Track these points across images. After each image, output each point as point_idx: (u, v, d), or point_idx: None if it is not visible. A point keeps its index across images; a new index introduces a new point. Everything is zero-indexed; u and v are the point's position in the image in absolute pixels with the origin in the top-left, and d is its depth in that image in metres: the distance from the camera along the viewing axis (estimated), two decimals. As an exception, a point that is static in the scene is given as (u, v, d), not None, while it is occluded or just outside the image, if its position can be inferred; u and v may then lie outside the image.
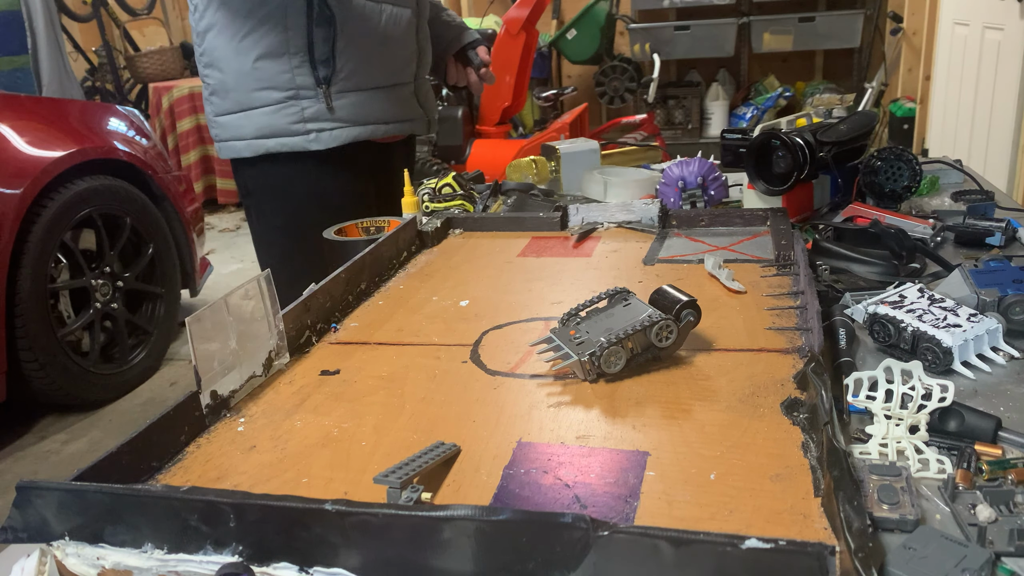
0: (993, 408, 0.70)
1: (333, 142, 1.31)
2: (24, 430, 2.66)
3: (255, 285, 0.78)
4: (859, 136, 1.32)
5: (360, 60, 1.30)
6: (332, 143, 1.31)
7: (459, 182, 1.40)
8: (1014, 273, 0.90)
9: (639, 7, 4.55)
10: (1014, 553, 0.53)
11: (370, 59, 1.31)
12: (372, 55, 1.32)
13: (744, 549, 0.45)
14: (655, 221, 1.21)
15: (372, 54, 1.32)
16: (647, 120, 3.81)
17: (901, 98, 4.20)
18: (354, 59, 1.29)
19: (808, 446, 0.62)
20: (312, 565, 0.52)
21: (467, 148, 3.88)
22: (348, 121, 1.32)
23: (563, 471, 0.61)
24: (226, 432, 0.71)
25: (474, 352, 0.84)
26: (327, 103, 1.29)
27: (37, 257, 2.47)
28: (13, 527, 0.57)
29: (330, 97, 1.29)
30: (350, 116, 1.32)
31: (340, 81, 1.30)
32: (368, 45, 1.30)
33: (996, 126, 2.99)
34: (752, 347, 0.80)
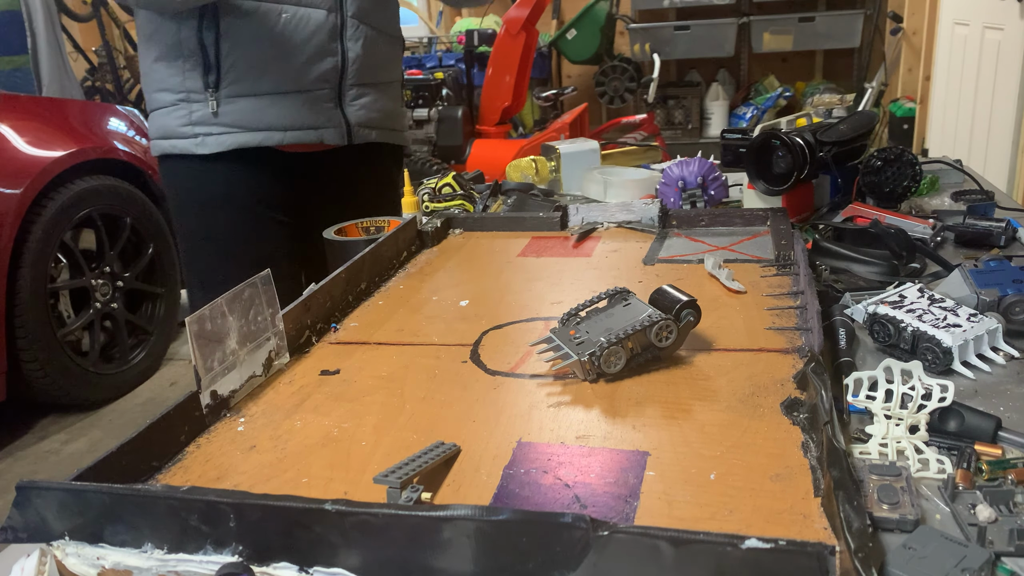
0: (993, 408, 0.70)
1: (219, 147, 1.26)
2: (24, 430, 2.66)
3: (255, 285, 0.78)
4: (859, 136, 1.33)
5: (250, 64, 1.23)
6: (218, 148, 1.26)
7: (459, 182, 1.40)
8: (1014, 273, 0.90)
9: (639, 7, 4.55)
10: (1014, 553, 0.53)
11: (263, 64, 1.23)
12: (266, 60, 1.23)
13: (744, 549, 0.45)
14: (655, 221, 1.21)
15: (266, 58, 1.23)
16: (647, 120, 3.81)
17: (901, 98, 4.20)
18: (243, 63, 1.23)
19: (808, 446, 0.62)
20: (312, 565, 0.52)
21: (467, 148, 3.88)
22: (236, 126, 1.26)
23: (563, 471, 0.61)
24: (226, 432, 0.71)
25: (474, 352, 0.84)
26: (213, 107, 1.25)
27: (37, 257, 2.47)
28: (13, 527, 0.57)
29: (217, 101, 1.24)
30: (238, 122, 1.26)
31: (229, 85, 1.24)
32: (260, 49, 1.23)
33: (996, 126, 2.99)
34: (752, 347, 0.80)
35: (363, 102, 1.33)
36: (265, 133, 1.27)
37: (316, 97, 1.28)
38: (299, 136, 1.29)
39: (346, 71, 1.29)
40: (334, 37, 1.27)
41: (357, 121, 1.33)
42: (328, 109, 1.30)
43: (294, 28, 1.23)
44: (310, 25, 1.24)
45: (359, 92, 1.32)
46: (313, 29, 1.24)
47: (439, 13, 5.28)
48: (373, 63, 1.33)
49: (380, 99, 1.36)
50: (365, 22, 1.30)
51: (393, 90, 1.41)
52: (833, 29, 4.26)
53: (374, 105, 1.35)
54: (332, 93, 1.30)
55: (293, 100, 1.27)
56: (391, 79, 1.40)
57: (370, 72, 1.33)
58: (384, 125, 1.39)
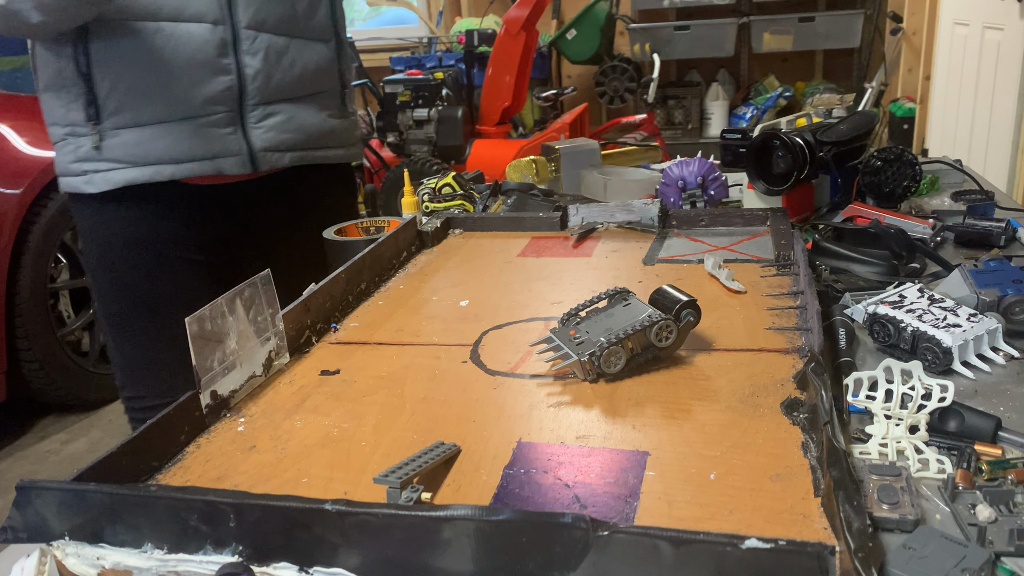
0: (993, 408, 0.70)
1: (106, 185, 1.12)
2: (24, 430, 2.66)
3: (255, 285, 0.78)
4: (859, 136, 1.33)
5: (129, 92, 1.09)
6: (105, 186, 1.12)
7: (459, 182, 1.40)
8: (1014, 273, 0.90)
9: (639, 7, 4.55)
10: (1014, 553, 0.53)
11: (144, 90, 1.09)
12: (146, 85, 1.08)
13: (744, 549, 0.45)
14: (655, 221, 1.21)
15: (146, 84, 1.08)
16: (647, 120, 3.81)
17: (901, 98, 4.20)
18: (120, 91, 1.08)
19: (808, 446, 0.62)
20: (312, 565, 0.52)
21: (467, 148, 3.89)
22: (122, 161, 1.12)
23: (563, 471, 0.61)
24: (226, 432, 0.71)
25: (474, 352, 0.84)
26: (95, 142, 1.11)
27: (37, 257, 2.47)
28: (13, 527, 0.57)
29: (100, 135, 1.10)
30: (123, 156, 1.11)
31: (110, 117, 1.10)
32: (138, 74, 1.07)
33: (996, 126, 2.99)
34: (752, 347, 0.80)
35: (272, 123, 1.16)
36: (154, 168, 1.12)
37: (210, 122, 1.13)
38: (193, 168, 1.13)
39: (245, 90, 1.13)
40: (225, 52, 1.10)
41: (263, 145, 1.16)
42: (225, 135, 1.14)
43: (174, 47, 1.07)
44: (192, 42, 1.08)
45: (266, 112, 1.16)
46: (197, 46, 1.08)
47: (439, 13, 5.28)
48: (285, 76, 1.16)
49: (299, 116, 1.19)
50: (267, 31, 1.13)
51: (323, 102, 1.24)
52: (833, 29, 4.26)
53: (287, 125, 1.18)
54: (230, 116, 1.13)
55: (183, 128, 1.11)
56: (317, 90, 1.22)
57: (281, 87, 1.16)
58: (305, 145, 1.21)
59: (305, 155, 1.21)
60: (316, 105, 1.22)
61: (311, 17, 1.18)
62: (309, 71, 1.19)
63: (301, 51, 1.18)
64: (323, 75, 1.22)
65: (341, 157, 1.29)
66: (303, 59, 1.18)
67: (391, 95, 3.96)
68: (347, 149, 1.30)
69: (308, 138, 1.21)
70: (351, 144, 1.31)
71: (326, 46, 1.21)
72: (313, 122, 1.22)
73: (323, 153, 1.25)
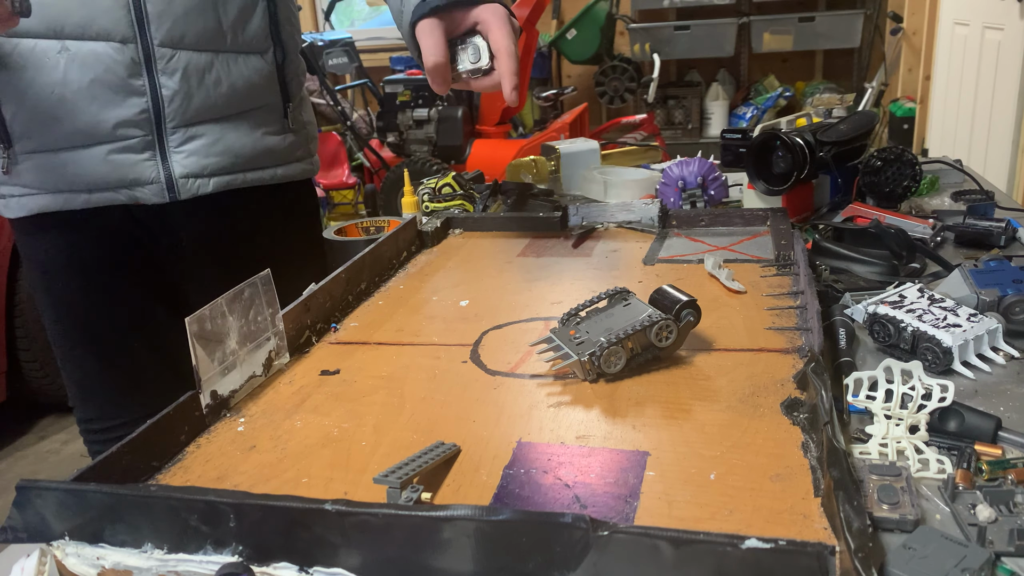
0: (993, 408, 0.70)
1: (21, 211, 1.08)
2: (24, 430, 2.66)
3: (255, 285, 0.78)
4: (859, 136, 1.33)
5: (35, 115, 1.02)
6: (21, 212, 1.08)
7: (459, 182, 1.40)
8: (1014, 273, 0.90)
9: (639, 7, 4.55)
10: (1014, 553, 0.53)
11: (49, 114, 1.02)
12: (51, 108, 1.01)
13: (744, 549, 0.45)
14: (655, 221, 1.21)
15: (51, 107, 1.01)
16: (647, 120, 3.81)
17: (901, 98, 4.20)
18: (25, 114, 1.02)
19: (808, 446, 0.62)
20: (312, 565, 0.52)
21: (467, 148, 3.89)
22: (34, 187, 1.06)
23: (563, 471, 0.61)
24: (226, 432, 0.71)
25: (474, 352, 0.84)
26: (4, 166, 1.05)
27: (37, 257, 2.46)
28: (13, 527, 0.57)
29: (9, 159, 1.05)
30: (35, 182, 1.06)
31: (20, 140, 1.04)
32: (43, 96, 1.01)
33: (996, 126, 2.99)
34: (752, 347, 0.80)
35: (195, 146, 1.07)
36: (66, 195, 1.06)
37: (124, 148, 1.04)
38: (106, 198, 1.06)
39: (162, 112, 1.04)
40: (136, 73, 1.02)
41: (185, 171, 1.07)
42: (140, 162, 1.05)
43: (79, 67, 1.00)
44: (99, 62, 1.00)
45: (187, 135, 1.07)
46: (105, 66, 1.00)
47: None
48: (209, 95, 1.07)
49: (227, 137, 1.10)
50: (186, 47, 1.04)
51: (259, 119, 1.13)
52: (833, 29, 4.26)
53: (214, 148, 1.09)
54: (146, 141, 1.05)
55: (94, 154, 1.04)
56: (251, 106, 1.12)
57: (205, 108, 1.07)
58: (233, 168, 1.11)
59: (233, 179, 1.11)
60: (249, 123, 1.12)
61: (241, 29, 1.08)
62: (239, 88, 1.09)
63: (229, 67, 1.08)
64: (258, 90, 1.12)
65: (282, 177, 1.18)
66: (232, 75, 1.08)
67: (391, 95, 3.96)
68: (289, 167, 1.18)
69: (237, 160, 1.11)
70: (296, 160, 1.20)
71: (261, 58, 1.11)
72: (244, 142, 1.11)
73: (257, 175, 1.14)
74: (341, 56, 4.34)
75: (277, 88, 1.14)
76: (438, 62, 0.87)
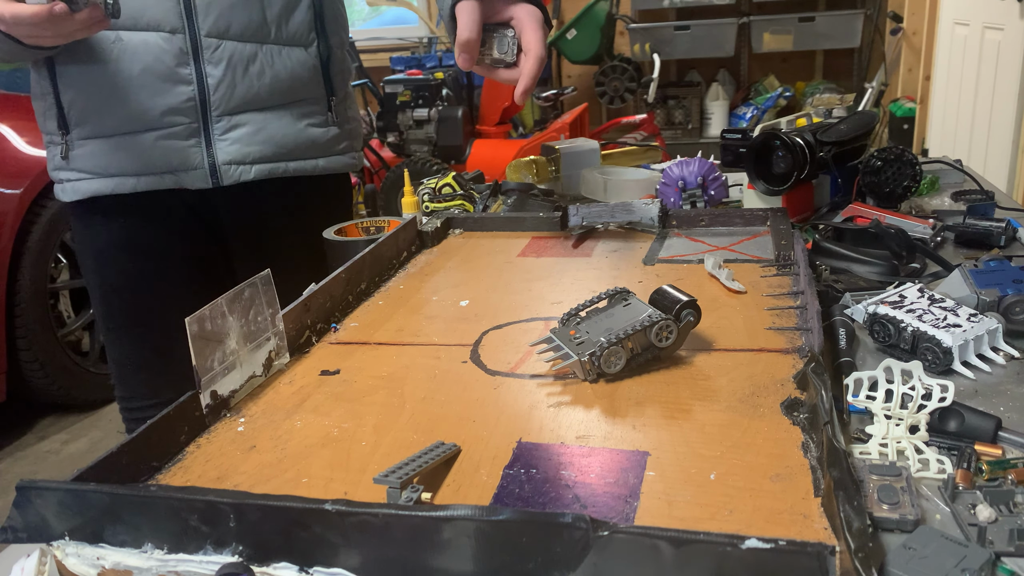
0: (993, 408, 0.70)
1: (75, 195, 1.14)
2: (24, 430, 2.66)
3: (255, 285, 0.78)
4: (859, 136, 1.33)
5: (90, 102, 1.08)
6: (75, 195, 1.14)
7: (459, 182, 1.40)
8: (1014, 273, 0.90)
9: (639, 7, 4.55)
10: (1014, 553, 0.53)
11: (103, 101, 1.08)
12: (105, 96, 1.07)
13: (744, 549, 0.45)
14: (655, 221, 1.21)
15: (105, 94, 1.07)
16: (647, 120, 3.81)
17: (901, 98, 4.20)
18: (82, 101, 1.09)
19: (808, 446, 0.62)
20: (312, 565, 0.52)
21: (467, 148, 3.89)
22: (88, 172, 1.12)
23: (563, 471, 0.61)
24: (226, 432, 0.71)
25: (474, 352, 0.84)
26: (63, 151, 1.12)
27: (37, 257, 2.47)
28: (13, 527, 0.57)
29: (67, 145, 1.11)
30: (88, 167, 1.12)
31: (76, 127, 1.10)
32: (97, 84, 1.07)
33: (996, 126, 2.99)
34: (752, 347, 0.80)
35: (238, 134, 1.12)
36: (117, 179, 1.12)
37: (171, 134, 1.10)
38: (153, 182, 1.12)
39: (208, 100, 1.10)
40: (184, 62, 1.07)
41: (228, 158, 1.12)
42: (187, 148, 1.11)
43: (131, 57, 1.05)
44: (149, 51, 1.05)
45: (232, 123, 1.12)
46: (154, 55, 1.06)
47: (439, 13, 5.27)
48: (253, 85, 1.11)
49: (270, 127, 1.14)
50: (232, 38, 1.09)
51: (303, 111, 1.18)
52: (833, 29, 4.26)
53: (257, 136, 1.13)
54: (192, 128, 1.10)
55: (143, 140, 1.09)
56: (295, 98, 1.17)
57: (249, 97, 1.12)
58: (275, 157, 1.16)
59: (275, 167, 1.16)
60: (292, 114, 1.17)
61: (285, 22, 1.13)
62: (283, 79, 1.14)
63: (273, 58, 1.13)
64: (302, 82, 1.16)
65: (323, 168, 1.22)
66: (275, 67, 1.13)
67: (391, 95, 3.96)
68: (331, 159, 1.23)
69: (279, 150, 1.16)
70: (342, 153, 1.25)
71: (305, 52, 1.16)
72: (287, 132, 1.16)
73: (299, 164, 1.19)
74: (341, 56, 4.33)
75: (321, 81, 1.19)
76: (470, 38, 0.90)
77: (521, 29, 0.93)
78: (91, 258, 1.19)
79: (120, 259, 1.18)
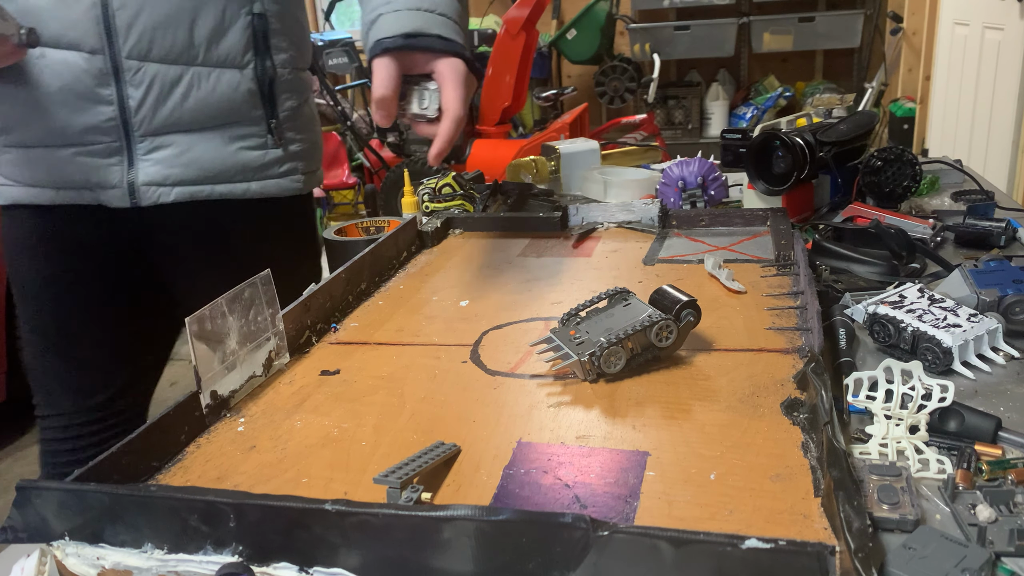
0: (993, 408, 0.70)
1: (2, 199, 1.14)
2: (24, 430, 2.66)
3: (255, 285, 0.78)
4: (859, 136, 1.33)
5: (15, 113, 1.07)
6: (2, 199, 1.14)
7: (459, 182, 1.40)
8: (1014, 273, 0.90)
9: (639, 7, 4.55)
10: (1014, 553, 0.53)
11: (27, 113, 1.06)
12: (28, 108, 1.06)
13: (744, 549, 0.45)
14: (655, 221, 1.21)
15: (28, 107, 1.06)
16: (647, 120, 3.81)
17: (901, 98, 4.20)
18: (7, 110, 1.08)
19: (808, 446, 0.62)
20: (312, 565, 0.52)
21: (467, 148, 3.89)
22: (11, 179, 1.12)
23: (563, 471, 0.61)
24: (226, 432, 0.71)
25: (474, 352, 0.84)
26: None
27: (37, 257, 2.46)
28: (13, 527, 0.57)
29: None
30: (12, 175, 1.12)
31: (2, 134, 1.10)
32: (21, 96, 1.05)
33: (996, 126, 2.99)
34: (752, 347, 0.80)
35: (161, 155, 1.09)
36: (37, 189, 1.11)
37: (91, 152, 1.07)
38: (72, 196, 1.10)
39: (129, 121, 1.06)
40: (105, 83, 1.04)
41: (148, 179, 1.09)
42: (107, 166, 1.08)
43: (51, 74, 1.04)
44: (69, 70, 1.03)
45: (155, 144, 1.08)
46: (74, 75, 1.04)
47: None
48: (179, 108, 1.07)
49: (196, 149, 1.10)
50: (154, 60, 1.05)
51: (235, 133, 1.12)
52: (833, 29, 4.27)
53: (180, 158, 1.09)
54: (114, 147, 1.07)
55: (64, 155, 1.08)
56: (227, 121, 1.11)
57: (173, 119, 1.08)
58: (199, 180, 1.11)
59: (198, 190, 1.11)
60: (223, 137, 1.12)
61: (215, 44, 1.08)
62: (211, 102, 1.09)
63: (200, 81, 1.08)
64: (234, 105, 1.11)
65: (256, 192, 1.15)
66: (202, 89, 1.08)
67: (391, 95, 3.95)
68: (267, 182, 1.16)
69: (203, 173, 1.11)
70: (281, 176, 1.18)
71: (240, 73, 1.10)
72: (215, 156, 1.11)
73: (227, 188, 1.13)
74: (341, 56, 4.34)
75: (259, 103, 1.13)
76: (384, 95, 0.89)
77: (441, 85, 0.90)
78: (12, 259, 1.18)
79: (38, 265, 1.16)
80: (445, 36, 0.92)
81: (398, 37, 0.90)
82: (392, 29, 0.91)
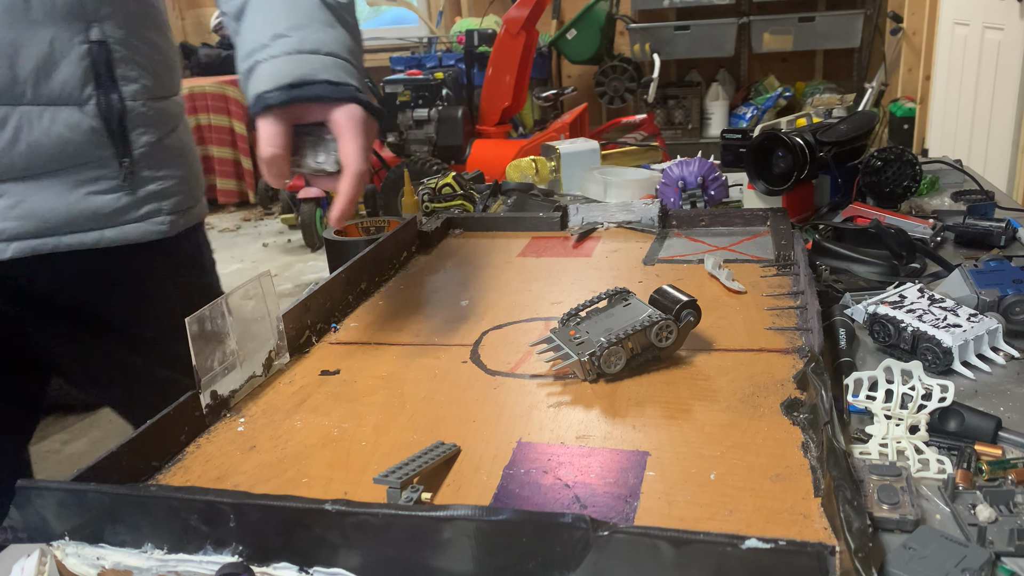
0: (993, 408, 0.70)
1: None
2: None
3: (255, 285, 0.78)
4: (859, 136, 1.33)
5: None
6: None
7: (459, 182, 1.40)
8: (1014, 273, 0.90)
9: (639, 7, 4.55)
10: (1014, 553, 0.53)
11: None
12: None
13: (744, 549, 0.45)
14: (655, 221, 1.21)
15: None
16: (647, 120, 3.81)
17: (901, 98, 4.20)
18: None
19: (808, 446, 0.62)
20: (312, 565, 0.52)
21: (467, 148, 3.89)
22: None
23: (563, 471, 0.61)
24: (226, 432, 0.71)
25: (474, 352, 0.84)
26: None
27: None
28: (13, 527, 0.57)
29: None
30: None
31: None
32: None
33: (996, 126, 2.99)
34: (752, 347, 0.80)
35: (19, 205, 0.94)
36: None
37: None
38: None
39: None
40: None
41: None
42: None
43: None
44: None
45: None
46: None
47: (439, 13, 5.28)
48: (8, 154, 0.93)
49: (32, 199, 0.95)
50: None
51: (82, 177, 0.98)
52: (833, 29, 4.27)
53: (14, 211, 0.95)
54: None
55: None
56: (68, 164, 0.96)
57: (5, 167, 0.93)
58: (42, 232, 0.96)
59: (41, 243, 0.97)
60: (66, 183, 0.97)
61: (44, 80, 0.93)
62: (45, 145, 0.94)
63: (31, 122, 0.93)
64: (73, 147, 0.96)
65: (111, 240, 1.00)
66: (34, 132, 0.93)
67: (391, 95, 3.96)
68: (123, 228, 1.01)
69: (44, 224, 0.97)
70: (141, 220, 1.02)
71: (80, 111, 0.95)
72: (55, 204, 0.97)
73: (76, 238, 0.98)
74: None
75: (106, 142, 0.98)
76: (274, 154, 0.78)
77: (338, 137, 0.80)
78: None
79: None
80: (334, 81, 0.80)
81: (280, 91, 0.78)
82: (273, 80, 0.79)
